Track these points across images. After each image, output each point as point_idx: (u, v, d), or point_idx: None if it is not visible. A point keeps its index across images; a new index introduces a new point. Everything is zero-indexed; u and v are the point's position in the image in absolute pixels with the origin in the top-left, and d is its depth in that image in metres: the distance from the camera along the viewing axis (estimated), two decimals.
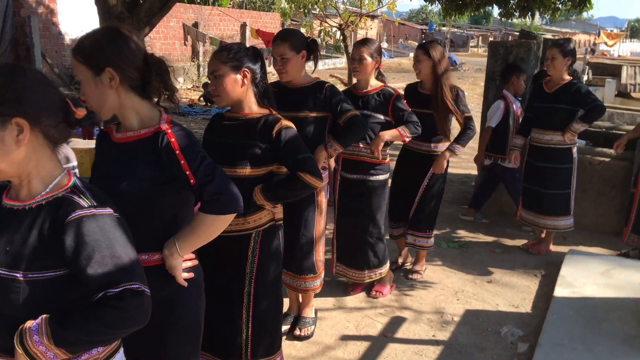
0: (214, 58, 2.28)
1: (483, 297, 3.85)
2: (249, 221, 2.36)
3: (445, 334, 3.37)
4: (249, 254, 2.38)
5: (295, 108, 2.94)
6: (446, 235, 5.00)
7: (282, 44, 2.88)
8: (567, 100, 4.15)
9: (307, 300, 3.35)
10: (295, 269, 3.15)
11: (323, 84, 3.03)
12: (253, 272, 2.39)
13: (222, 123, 2.41)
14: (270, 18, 21.58)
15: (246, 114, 2.35)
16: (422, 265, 4.16)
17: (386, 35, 40.50)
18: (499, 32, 43.79)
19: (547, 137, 4.29)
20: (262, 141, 2.30)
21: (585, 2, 7.39)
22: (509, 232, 5.04)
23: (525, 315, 3.62)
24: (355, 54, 3.40)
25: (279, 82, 3.07)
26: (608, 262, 4.16)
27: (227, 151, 2.34)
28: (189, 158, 1.68)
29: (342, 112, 3.00)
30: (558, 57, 4.13)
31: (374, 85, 3.46)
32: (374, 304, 3.70)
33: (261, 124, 2.32)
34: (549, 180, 4.35)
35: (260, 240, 2.39)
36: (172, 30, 16.39)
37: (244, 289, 2.39)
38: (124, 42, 1.67)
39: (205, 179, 1.69)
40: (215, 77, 2.27)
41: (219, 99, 2.31)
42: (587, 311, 3.42)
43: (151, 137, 1.69)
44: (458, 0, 8.08)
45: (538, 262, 4.42)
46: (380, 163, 3.48)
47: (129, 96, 1.69)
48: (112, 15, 5.23)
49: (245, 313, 2.40)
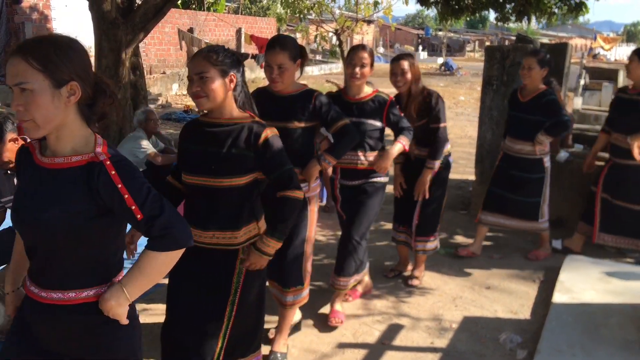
0: (202, 59, 2.19)
1: (481, 303, 3.82)
2: (237, 235, 2.31)
3: (443, 341, 3.34)
4: (236, 264, 2.33)
5: (283, 117, 2.87)
6: (444, 241, 4.97)
7: (282, 52, 2.78)
8: (539, 111, 4.11)
9: (282, 331, 3.14)
10: (283, 281, 3.05)
11: (312, 93, 2.95)
12: (240, 283, 2.34)
13: (202, 130, 2.31)
14: (265, 23, 21.61)
15: (228, 119, 2.28)
16: (421, 270, 4.13)
17: (382, 40, 40.57)
18: (495, 36, 43.95)
19: (518, 147, 4.27)
20: (248, 149, 2.24)
21: (581, 7, 7.41)
22: (506, 238, 5.01)
23: (524, 321, 3.59)
24: (357, 60, 3.28)
25: (266, 89, 2.98)
26: (606, 267, 4.14)
27: (210, 160, 2.25)
28: (134, 191, 1.53)
29: (333, 121, 2.96)
30: (535, 68, 4.08)
31: (367, 92, 3.39)
32: (371, 311, 3.67)
33: (246, 131, 2.25)
34: (518, 188, 4.31)
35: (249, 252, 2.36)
36: (167, 35, 16.38)
37: (229, 297, 2.34)
38: (86, 55, 1.56)
39: (153, 212, 1.55)
40: (202, 79, 2.18)
41: (204, 100, 2.21)
42: (586, 317, 3.39)
43: (85, 166, 1.53)
44: (454, 5, 8.10)
45: (536, 268, 4.39)
46: None
47: (75, 116, 1.54)
48: (107, 21, 5.21)
49: (226, 322, 2.34)
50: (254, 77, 18.19)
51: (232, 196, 2.27)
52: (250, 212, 2.33)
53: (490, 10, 8.49)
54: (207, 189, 2.26)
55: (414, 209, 3.88)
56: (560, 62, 5.68)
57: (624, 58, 40.16)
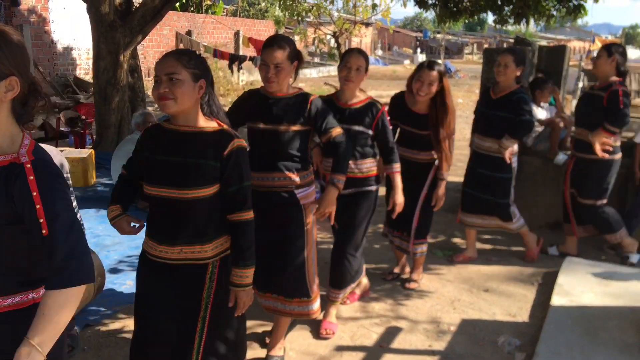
0: (174, 60, 2.06)
1: (480, 306, 3.81)
2: (206, 249, 2.18)
3: (441, 343, 3.33)
4: (206, 278, 2.20)
5: (274, 120, 2.79)
6: (442, 244, 4.97)
7: (279, 51, 2.70)
8: (508, 109, 4.10)
9: (278, 335, 3.11)
10: (286, 292, 2.97)
11: (307, 97, 2.85)
12: (210, 298, 2.21)
13: (166, 138, 2.15)
14: (264, 26, 21.62)
15: (193, 127, 2.13)
16: (420, 273, 4.11)
17: (380, 43, 40.62)
18: (493, 39, 44.01)
19: (487, 145, 4.27)
20: (215, 159, 2.10)
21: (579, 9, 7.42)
22: (505, 240, 5.01)
23: (522, 324, 3.58)
24: (353, 63, 3.18)
25: (259, 90, 2.90)
26: (605, 270, 4.13)
27: (175, 171, 2.10)
28: (47, 203, 1.42)
29: (326, 130, 2.84)
30: (510, 66, 4.07)
31: (360, 98, 3.29)
32: (369, 314, 3.65)
33: (213, 140, 2.12)
34: (487, 187, 4.30)
35: (219, 266, 2.22)
36: (165, 38, 16.40)
37: (199, 313, 2.21)
38: (26, 51, 1.48)
39: (59, 232, 1.43)
40: (172, 80, 2.03)
41: (171, 103, 2.04)
42: (584, 320, 3.38)
43: (6, 167, 1.43)
44: (452, 7, 8.11)
45: (535, 271, 4.38)
46: (369, 176, 3.36)
47: (7, 113, 1.46)
48: (105, 24, 5.20)
49: (197, 339, 2.22)
50: (252, 80, 18.20)
51: (199, 208, 2.13)
52: (219, 224, 2.20)
53: (489, 13, 8.50)
54: (172, 201, 2.11)
55: (411, 213, 3.82)
56: (559, 65, 5.70)
57: None
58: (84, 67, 14.32)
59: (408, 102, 3.73)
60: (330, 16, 12.24)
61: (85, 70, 14.27)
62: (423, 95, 3.58)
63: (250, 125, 2.89)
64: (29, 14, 12.70)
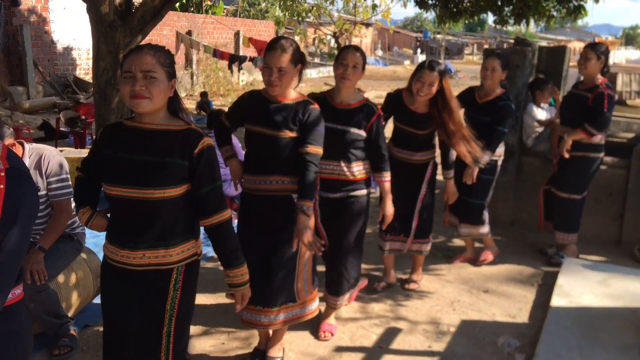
0: (151, 56, 1.96)
1: (479, 307, 3.80)
2: (171, 254, 2.07)
3: (441, 344, 3.32)
4: (170, 287, 2.09)
5: (275, 125, 2.72)
6: (442, 245, 4.96)
7: (284, 54, 2.63)
8: (493, 115, 4.10)
9: (277, 336, 3.08)
10: (271, 300, 2.88)
11: (307, 105, 2.77)
12: (174, 309, 2.11)
13: (129, 136, 2.05)
14: (264, 26, 21.61)
15: (159, 124, 2.04)
16: (420, 274, 4.11)
17: (381, 43, 40.63)
18: (494, 39, 44.05)
19: None
20: (182, 158, 2.01)
21: (580, 10, 7.42)
22: (505, 242, 5.00)
23: (522, 325, 3.58)
24: (350, 60, 3.05)
25: (260, 92, 2.83)
26: (605, 271, 4.12)
27: (139, 170, 1.99)
28: (7, 213, 1.44)
29: (306, 142, 2.71)
30: (497, 70, 4.07)
31: (357, 99, 3.19)
32: (369, 315, 3.65)
33: (181, 138, 2.03)
34: (471, 189, 4.22)
35: (184, 273, 2.12)
36: (165, 38, 16.39)
37: (163, 328, 2.11)
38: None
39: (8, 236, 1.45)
40: (149, 78, 1.94)
41: (146, 102, 1.95)
42: (584, 321, 3.38)
43: None
44: (453, 8, 8.11)
45: (535, 271, 4.38)
46: (359, 179, 3.23)
47: None
48: (105, 24, 5.19)
49: (165, 340, 2.13)
50: (252, 80, 18.19)
51: (165, 209, 2.02)
52: (186, 227, 2.11)
53: (489, 14, 8.50)
54: (135, 201, 2.00)
55: (409, 216, 3.79)
56: (559, 66, 5.68)
57: (623, 61, 40.31)
58: (84, 67, 14.32)
59: (406, 101, 3.67)
60: (331, 16, 12.25)
61: (85, 70, 14.27)
62: (423, 95, 3.52)
63: (248, 127, 2.83)
64: (29, 14, 12.70)
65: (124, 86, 1.96)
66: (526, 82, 5.19)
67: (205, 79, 16.38)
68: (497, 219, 5.38)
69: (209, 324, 3.46)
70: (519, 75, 5.06)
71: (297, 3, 15.09)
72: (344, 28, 11.31)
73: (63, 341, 3.05)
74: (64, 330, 3.07)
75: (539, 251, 4.69)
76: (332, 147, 2.98)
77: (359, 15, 12.20)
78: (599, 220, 5.03)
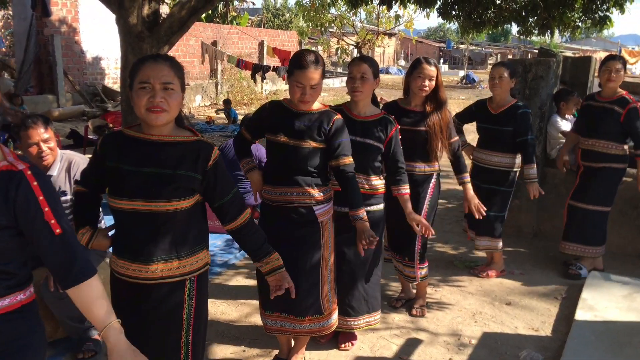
0: (167, 67, 1.93)
1: (501, 319, 3.77)
2: (184, 264, 2.06)
3: (462, 357, 3.30)
4: (185, 297, 2.09)
5: (297, 135, 2.72)
6: (462, 255, 4.93)
7: (317, 71, 2.65)
8: (513, 123, 4.08)
9: (298, 345, 3.09)
10: (297, 311, 2.89)
11: (331, 116, 2.76)
12: (191, 318, 2.12)
13: (134, 147, 2.00)
14: (288, 36, 21.78)
15: (167, 135, 2.01)
16: (425, 298, 3.90)
17: (403, 53, 40.59)
18: (517, 49, 43.63)
19: (496, 159, 4.22)
20: (195, 171, 1.99)
21: (605, 20, 7.33)
22: (528, 253, 4.95)
23: (545, 338, 3.53)
24: (356, 71, 3.03)
25: (282, 103, 2.83)
26: (631, 285, 4.05)
27: (150, 182, 1.95)
28: (53, 204, 1.51)
29: (339, 155, 2.74)
30: (505, 78, 4.05)
31: (374, 112, 3.17)
32: (389, 325, 3.64)
33: (193, 150, 2.00)
34: (491, 202, 4.19)
35: (197, 282, 2.12)
36: (191, 48, 16.64)
37: (182, 338, 2.11)
38: None
39: (70, 227, 1.55)
40: (167, 90, 1.92)
41: (164, 115, 1.92)
42: (609, 335, 3.32)
43: (4, 173, 1.47)
44: (476, 18, 8.08)
45: (558, 285, 4.32)
46: (377, 193, 3.18)
47: None
48: (133, 34, 5.31)
49: (184, 348, 2.13)
50: (275, 90, 18.33)
51: (176, 221, 2.00)
52: (197, 238, 2.11)
53: (513, 24, 8.45)
54: (146, 214, 1.96)
55: (411, 236, 3.52)
56: (584, 76, 5.63)
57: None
58: (112, 76, 14.60)
59: (402, 104, 3.58)
60: (354, 27, 12.30)
61: (114, 79, 14.54)
62: (426, 89, 3.43)
63: (270, 137, 2.81)
64: (60, 25, 13.00)
65: (141, 98, 1.90)
66: (550, 93, 5.15)
67: (230, 88, 16.57)
68: (520, 231, 5.34)
69: (230, 332, 3.50)
70: (542, 86, 5.03)
71: (320, 14, 15.20)
72: (367, 38, 11.35)
73: (87, 345, 3.11)
74: (88, 335, 3.13)
75: (563, 263, 4.63)
76: None
77: (381, 25, 12.23)
78: (625, 232, 4.95)
